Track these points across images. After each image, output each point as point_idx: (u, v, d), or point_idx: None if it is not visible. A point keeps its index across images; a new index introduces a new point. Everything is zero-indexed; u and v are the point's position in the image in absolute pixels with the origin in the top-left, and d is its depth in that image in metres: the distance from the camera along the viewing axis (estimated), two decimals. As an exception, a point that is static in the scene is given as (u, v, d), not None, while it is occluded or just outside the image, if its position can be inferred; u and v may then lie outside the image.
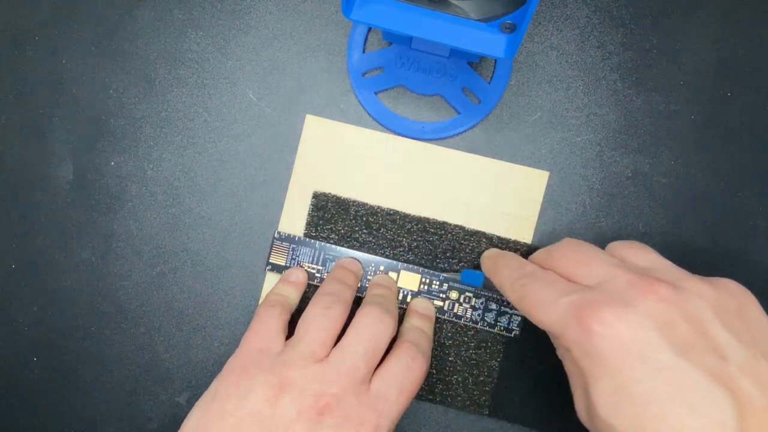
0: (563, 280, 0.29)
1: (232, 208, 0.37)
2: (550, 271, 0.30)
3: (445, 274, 0.36)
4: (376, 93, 0.37)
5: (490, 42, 0.31)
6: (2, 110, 0.38)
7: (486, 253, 0.35)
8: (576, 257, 0.30)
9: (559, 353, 0.31)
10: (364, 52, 0.37)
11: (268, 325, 0.32)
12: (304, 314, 0.32)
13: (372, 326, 0.31)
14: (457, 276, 0.36)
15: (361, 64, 0.37)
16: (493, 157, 0.37)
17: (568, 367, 0.29)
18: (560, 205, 0.37)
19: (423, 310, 0.35)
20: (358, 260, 0.36)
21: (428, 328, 0.35)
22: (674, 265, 0.29)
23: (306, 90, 0.37)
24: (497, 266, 0.33)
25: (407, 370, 0.31)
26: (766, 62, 0.36)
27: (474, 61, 0.36)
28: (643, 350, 0.25)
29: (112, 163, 0.38)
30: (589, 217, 0.36)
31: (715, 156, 0.36)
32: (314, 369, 0.30)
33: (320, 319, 0.31)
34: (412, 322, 0.35)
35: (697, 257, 0.36)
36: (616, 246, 0.31)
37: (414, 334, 0.34)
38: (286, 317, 0.33)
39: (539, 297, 0.29)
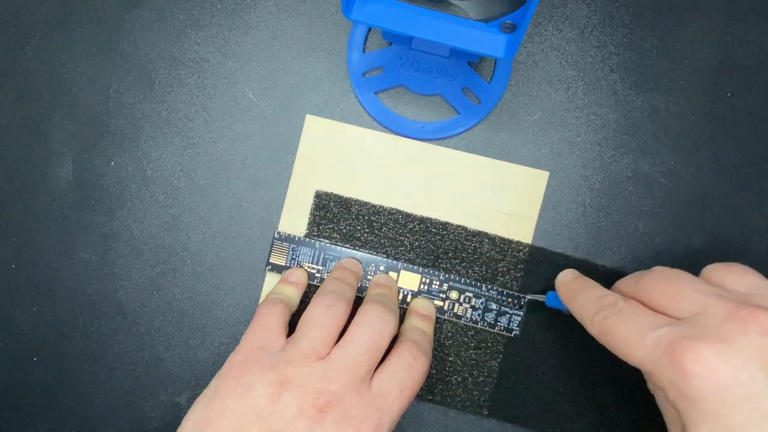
0: (649, 311, 0.27)
1: (232, 208, 0.37)
2: (633, 301, 0.28)
3: (529, 296, 0.35)
4: (376, 93, 0.37)
5: (490, 42, 0.31)
6: (2, 110, 0.38)
7: (561, 278, 0.34)
8: (666, 287, 0.27)
9: (650, 388, 0.29)
10: (364, 52, 0.37)
11: (269, 323, 0.32)
12: (305, 312, 0.32)
13: (373, 324, 0.31)
14: (541, 298, 0.35)
15: (361, 64, 0.37)
16: (493, 157, 0.37)
17: (662, 404, 0.28)
18: (560, 205, 0.37)
19: (423, 311, 0.35)
20: (358, 260, 0.36)
21: (429, 328, 0.35)
22: None
23: (306, 90, 0.37)
24: (574, 295, 0.31)
25: (408, 369, 0.31)
26: (766, 62, 0.36)
27: (474, 61, 0.36)
28: (748, 393, 0.23)
29: (112, 163, 0.38)
30: (589, 217, 0.36)
31: (715, 156, 0.36)
32: (315, 367, 0.30)
33: (322, 317, 0.31)
34: (412, 322, 0.35)
35: (697, 257, 0.36)
36: (712, 270, 0.28)
37: (415, 333, 0.34)
38: (287, 316, 0.33)
39: (622, 332, 0.26)
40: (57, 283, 0.38)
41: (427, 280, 0.36)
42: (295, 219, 0.37)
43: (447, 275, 0.36)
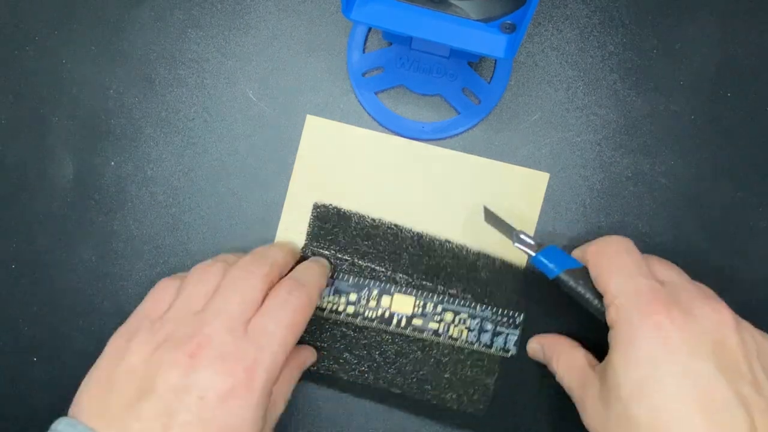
0: (641, 259, 0.31)
1: (232, 208, 0.37)
2: (634, 245, 0.32)
3: (517, 244, 0.33)
4: (376, 93, 0.37)
5: (490, 42, 0.31)
6: (2, 110, 0.38)
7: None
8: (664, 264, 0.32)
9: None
10: (364, 52, 0.37)
11: (159, 296, 0.32)
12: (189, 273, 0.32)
13: (243, 275, 0.31)
14: (531, 251, 0.33)
15: (361, 64, 0.37)
16: (493, 157, 0.37)
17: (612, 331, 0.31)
18: (560, 206, 0.37)
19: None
20: (327, 263, 0.36)
21: (318, 264, 0.35)
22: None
23: (306, 90, 0.37)
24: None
25: (284, 304, 0.31)
26: (766, 62, 0.36)
27: (474, 61, 0.36)
28: (692, 353, 0.27)
29: (112, 163, 0.38)
30: (589, 218, 0.36)
31: (715, 156, 0.36)
32: (189, 318, 0.30)
33: (198, 275, 0.32)
34: (301, 263, 0.35)
35: (697, 257, 0.36)
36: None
37: (299, 271, 0.34)
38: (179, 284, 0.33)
39: (622, 261, 0.31)
40: (57, 283, 0.38)
41: (421, 303, 0.36)
42: (295, 219, 0.37)
43: (441, 297, 0.36)
